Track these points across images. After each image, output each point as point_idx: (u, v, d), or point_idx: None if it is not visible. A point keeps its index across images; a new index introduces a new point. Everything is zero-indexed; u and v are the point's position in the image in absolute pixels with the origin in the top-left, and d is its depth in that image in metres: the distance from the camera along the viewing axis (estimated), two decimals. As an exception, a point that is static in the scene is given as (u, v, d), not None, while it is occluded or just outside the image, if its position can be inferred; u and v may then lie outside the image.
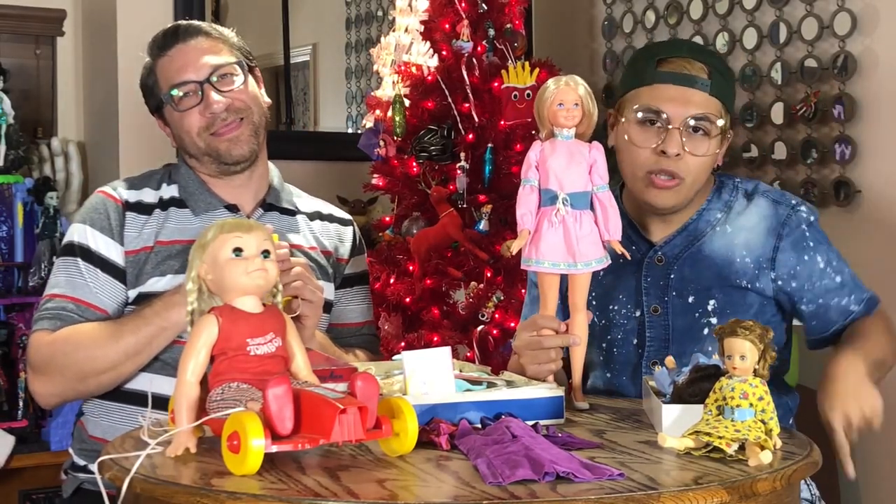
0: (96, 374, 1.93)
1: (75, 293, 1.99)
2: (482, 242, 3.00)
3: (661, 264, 1.99)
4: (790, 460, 1.40)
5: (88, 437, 2.05)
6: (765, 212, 1.98)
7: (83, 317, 1.98)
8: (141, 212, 2.06)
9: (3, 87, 3.06)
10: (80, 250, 2.02)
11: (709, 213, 2.00)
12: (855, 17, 3.00)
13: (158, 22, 2.26)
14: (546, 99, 1.72)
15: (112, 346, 1.92)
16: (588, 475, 1.27)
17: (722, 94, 1.92)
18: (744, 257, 1.95)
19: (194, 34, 2.07)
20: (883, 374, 1.89)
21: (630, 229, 2.00)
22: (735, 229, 1.97)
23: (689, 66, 1.91)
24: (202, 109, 2.03)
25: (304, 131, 4.28)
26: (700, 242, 1.98)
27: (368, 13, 4.28)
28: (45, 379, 1.98)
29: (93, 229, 2.03)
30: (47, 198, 3.01)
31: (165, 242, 2.03)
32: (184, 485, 1.27)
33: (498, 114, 3.02)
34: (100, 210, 2.05)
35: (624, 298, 2.00)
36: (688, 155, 1.90)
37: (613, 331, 2.01)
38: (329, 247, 2.20)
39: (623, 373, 2.00)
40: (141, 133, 3.29)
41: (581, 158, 1.72)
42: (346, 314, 2.21)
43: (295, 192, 2.23)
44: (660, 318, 1.97)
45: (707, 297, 1.94)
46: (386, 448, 1.41)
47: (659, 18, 3.61)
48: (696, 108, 1.89)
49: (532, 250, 1.72)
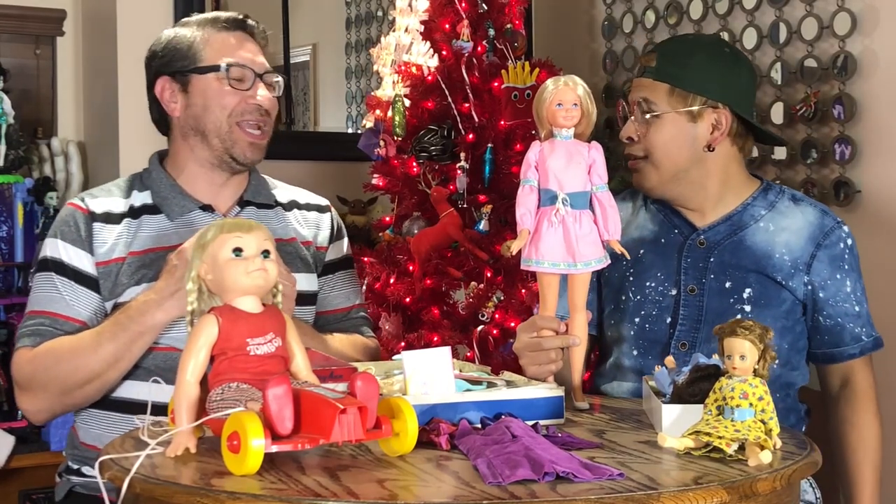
0: (79, 385, 1.93)
1: (52, 308, 1.99)
2: (482, 242, 3.00)
3: (702, 247, 2.05)
4: (790, 460, 1.40)
5: (80, 443, 2.06)
6: (810, 218, 2.06)
7: (62, 330, 1.98)
8: (109, 221, 2.05)
9: (3, 87, 3.06)
10: (54, 264, 2.02)
11: (753, 207, 2.08)
12: (855, 17, 3.00)
13: (158, 22, 2.27)
14: (545, 99, 1.72)
15: (92, 355, 1.91)
16: (588, 475, 1.27)
17: (670, 76, 2.03)
18: (783, 254, 2.02)
19: (257, 35, 2.13)
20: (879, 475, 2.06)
21: (673, 215, 2.11)
22: (777, 228, 2.05)
23: (645, 59, 2.09)
24: (247, 96, 2.05)
25: (304, 131, 4.27)
26: (742, 233, 2.05)
27: (368, 13, 4.28)
28: (30, 395, 1.98)
29: (64, 242, 2.03)
30: (47, 198, 3.01)
31: (138, 252, 2.02)
32: (184, 485, 1.27)
33: (498, 114, 3.02)
34: (69, 222, 2.04)
35: (662, 276, 2.06)
36: (643, 138, 2.04)
37: (647, 306, 2.06)
38: (308, 236, 2.20)
39: (651, 351, 2.03)
40: (141, 133, 3.27)
41: (580, 158, 1.72)
42: (331, 300, 2.21)
43: (271, 184, 2.23)
44: (695, 299, 2.02)
45: (744, 285, 2.00)
46: (386, 448, 1.41)
47: (659, 18, 3.61)
48: (638, 94, 2.06)
49: (532, 250, 1.72)
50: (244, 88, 2.05)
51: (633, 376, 2.05)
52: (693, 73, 2.05)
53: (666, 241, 2.05)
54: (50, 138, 3.32)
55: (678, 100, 2.02)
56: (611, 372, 2.10)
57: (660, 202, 2.13)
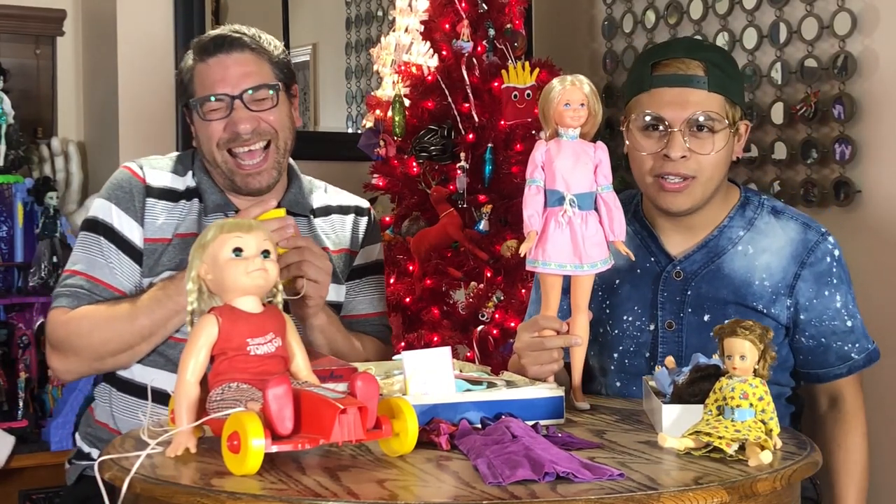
0: (112, 354, 1.96)
1: (94, 272, 2.01)
2: (482, 242, 3.00)
3: (678, 279, 1.97)
4: (790, 460, 1.40)
5: (95, 421, 2.08)
6: (791, 234, 1.96)
7: (101, 296, 2.00)
8: (165, 198, 2.06)
9: (3, 87, 3.05)
10: (104, 228, 2.03)
11: (730, 230, 1.97)
12: (855, 17, 3.00)
13: (158, 22, 2.26)
14: (552, 99, 1.70)
15: (127, 327, 1.94)
16: (588, 475, 1.27)
17: (723, 87, 1.90)
18: (763, 280, 1.94)
19: (239, 47, 2.05)
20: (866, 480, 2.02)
21: (650, 240, 2.01)
22: (757, 251, 1.95)
23: (684, 66, 1.90)
24: (227, 124, 2.02)
25: (305, 131, 4.26)
26: (720, 260, 1.96)
27: (368, 13, 4.28)
28: (62, 356, 2.00)
29: (118, 208, 2.03)
30: (47, 198, 3.01)
31: (183, 234, 2.03)
32: (184, 485, 1.27)
33: (498, 114, 3.02)
34: (125, 188, 2.05)
35: (639, 310, 1.99)
36: (694, 154, 1.89)
37: (626, 342, 2.00)
38: (342, 243, 2.18)
39: (633, 383, 1.98)
40: (141, 133, 3.29)
41: (587, 159, 1.71)
42: (356, 305, 2.19)
43: (308, 188, 2.20)
44: (673, 334, 1.95)
45: (723, 317, 1.88)
46: (386, 448, 1.41)
47: (659, 18, 3.61)
48: (696, 108, 1.88)
49: (538, 252, 1.71)
50: (222, 117, 2.02)
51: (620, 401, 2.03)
52: (737, 84, 1.96)
53: (642, 270, 1.95)
54: (50, 138, 3.31)
55: (731, 112, 1.91)
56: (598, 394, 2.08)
57: (639, 221, 2.03)
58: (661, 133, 1.90)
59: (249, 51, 2.06)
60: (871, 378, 2.44)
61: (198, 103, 2.04)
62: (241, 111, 2.01)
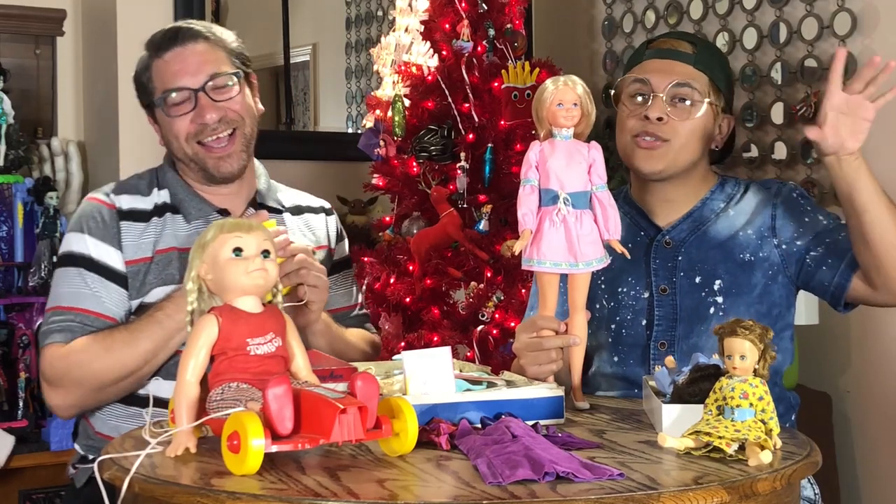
0: (114, 381, 1.94)
1: (81, 304, 1.98)
2: (482, 242, 3.00)
3: (668, 247, 2.06)
4: (790, 460, 1.40)
5: (95, 433, 2.06)
6: (761, 195, 2.08)
7: (93, 326, 1.97)
8: (137, 219, 2.05)
9: (3, 87, 3.06)
10: (83, 260, 2.00)
11: (712, 202, 2.09)
12: (855, 17, 3.00)
13: (158, 22, 2.26)
14: (545, 99, 1.72)
15: (128, 353, 1.92)
16: (588, 475, 1.27)
17: (708, 68, 2.03)
18: (746, 230, 2.04)
19: (193, 38, 2.05)
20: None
21: (639, 216, 2.11)
22: (736, 213, 2.07)
23: (675, 43, 2.06)
24: (194, 117, 2.02)
25: (304, 131, 4.28)
26: (705, 227, 2.07)
27: (368, 13, 4.28)
28: (61, 391, 1.97)
29: (92, 238, 2.01)
30: (47, 198, 3.01)
31: (163, 250, 2.02)
32: (184, 485, 1.27)
33: (498, 114, 3.02)
34: (96, 217, 2.03)
35: (633, 280, 2.06)
36: (672, 120, 2.00)
37: (622, 312, 2.05)
38: (321, 241, 2.21)
39: (631, 355, 2.03)
40: (141, 133, 3.26)
41: (580, 158, 1.72)
42: (337, 300, 2.22)
43: (276, 188, 2.23)
44: (668, 298, 2.03)
45: (713, 277, 2.01)
46: (386, 448, 1.41)
47: (659, 18, 3.61)
48: (679, 77, 2.01)
49: (533, 250, 1.72)
50: (187, 111, 2.02)
51: (618, 383, 2.05)
52: (723, 74, 2.08)
53: (633, 244, 2.02)
54: (50, 138, 3.32)
55: (714, 94, 2.04)
56: (594, 381, 2.09)
57: (629, 202, 2.13)
58: (645, 99, 2.02)
59: (204, 40, 2.06)
60: (872, 378, 2.45)
61: (161, 100, 2.03)
62: (205, 103, 2.02)
